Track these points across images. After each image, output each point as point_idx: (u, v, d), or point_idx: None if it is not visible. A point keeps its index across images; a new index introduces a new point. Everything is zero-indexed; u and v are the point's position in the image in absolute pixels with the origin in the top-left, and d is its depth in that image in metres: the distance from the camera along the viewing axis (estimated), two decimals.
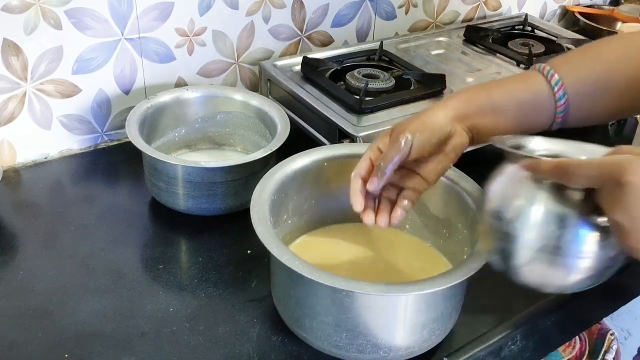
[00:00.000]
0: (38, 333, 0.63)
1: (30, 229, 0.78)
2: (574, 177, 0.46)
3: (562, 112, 0.62)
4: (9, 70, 0.83)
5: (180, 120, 0.88)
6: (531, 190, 0.50)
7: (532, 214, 0.49)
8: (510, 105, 0.62)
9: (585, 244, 0.48)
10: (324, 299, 0.58)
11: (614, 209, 0.44)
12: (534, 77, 0.63)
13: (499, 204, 0.52)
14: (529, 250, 0.50)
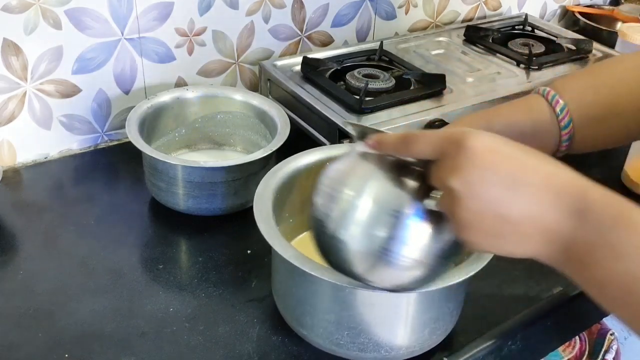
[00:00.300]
0: (38, 333, 0.63)
1: (30, 229, 0.78)
2: (417, 146, 0.43)
3: (567, 141, 0.59)
4: (9, 70, 0.83)
5: (180, 120, 0.88)
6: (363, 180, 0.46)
7: (359, 212, 0.45)
8: (510, 135, 0.55)
9: (416, 240, 0.45)
10: (326, 296, 0.58)
11: (451, 175, 0.41)
12: (537, 104, 0.59)
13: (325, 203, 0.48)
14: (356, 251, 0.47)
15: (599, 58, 1.10)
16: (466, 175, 0.40)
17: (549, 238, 0.41)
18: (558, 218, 0.40)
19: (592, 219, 0.40)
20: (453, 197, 0.41)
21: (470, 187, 0.40)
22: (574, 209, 0.40)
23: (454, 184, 0.41)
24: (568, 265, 0.41)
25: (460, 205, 0.41)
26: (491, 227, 0.41)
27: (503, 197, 0.40)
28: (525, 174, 0.41)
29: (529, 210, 0.40)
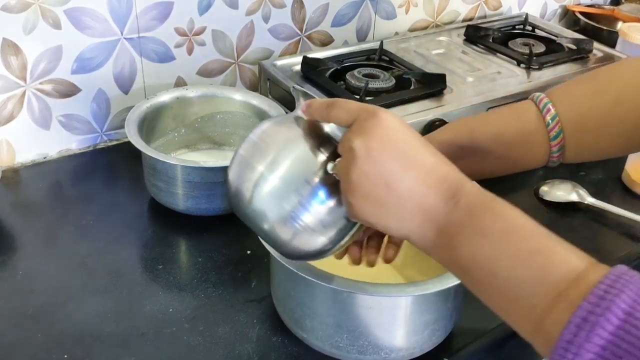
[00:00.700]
0: (37, 334, 0.63)
1: (29, 229, 0.78)
2: (336, 111, 0.46)
3: (558, 152, 0.56)
4: (8, 70, 0.83)
5: (179, 120, 0.88)
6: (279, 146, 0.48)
7: (270, 179, 0.47)
8: (495, 146, 0.56)
9: (319, 207, 0.46)
10: (326, 299, 0.58)
11: (355, 136, 0.44)
12: (527, 112, 0.56)
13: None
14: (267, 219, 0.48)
15: (599, 58, 1.10)
16: (369, 139, 0.43)
17: (426, 217, 0.43)
18: (437, 200, 0.43)
19: (464, 204, 0.42)
20: (351, 157, 0.44)
21: (369, 151, 0.43)
22: (450, 194, 0.43)
23: (355, 144, 0.43)
24: (438, 247, 0.44)
25: (356, 165, 0.43)
26: (377, 195, 0.43)
27: (395, 170, 0.43)
28: (417, 156, 0.44)
29: (414, 188, 0.43)
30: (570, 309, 0.36)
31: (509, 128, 0.56)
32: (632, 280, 0.36)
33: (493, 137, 0.56)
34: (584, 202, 0.86)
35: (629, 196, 0.90)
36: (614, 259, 0.78)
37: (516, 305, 0.40)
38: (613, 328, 0.35)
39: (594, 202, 0.86)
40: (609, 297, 0.35)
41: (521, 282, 0.39)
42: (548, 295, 0.38)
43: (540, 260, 0.39)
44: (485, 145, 0.56)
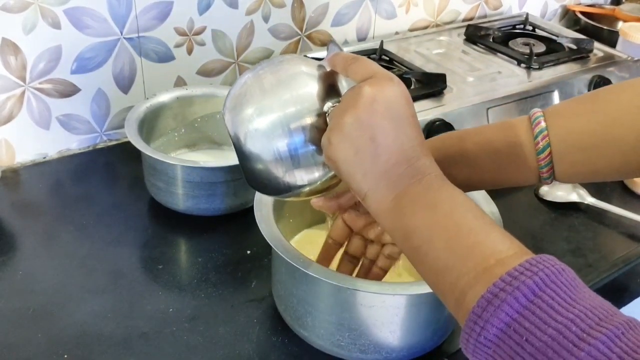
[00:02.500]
0: (37, 334, 0.63)
1: (29, 229, 0.78)
2: (360, 65, 0.48)
3: (545, 167, 0.54)
4: (8, 70, 0.83)
5: (179, 119, 0.88)
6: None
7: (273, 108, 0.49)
8: (483, 155, 0.55)
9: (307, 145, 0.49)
10: (328, 297, 0.58)
11: (370, 85, 0.45)
12: (518, 125, 0.55)
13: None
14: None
15: (600, 58, 1.10)
16: (379, 93, 0.45)
17: (389, 184, 0.45)
18: (405, 173, 0.45)
19: (426, 182, 0.45)
20: (355, 100, 0.45)
21: (373, 102, 0.45)
22: (419, 172, 0.45)
23: (365, 90, 0.45)
24: (388, 212, 0.45)
25: (356, 108, 0.45)
26: (358, 144, 0.45)
27: (385, 130, 0.45)
28: (410, 129, 0.46)
29: (392, 153, 0.45)
30: (488, 285, 0.38)
31: (498, 138, 0.56)
32: (550, 267, 0.37)
33: (482, 146, 0.56)
34: (584, 202, 0.86)
35: (629, 196, 0.90)
36: (614, 259, 0.77)
37: (445, 276, 0.41)
38: (519, 307, 0.36)
39: (594, 202, 0.86)
40: (522, 278, 0.37)
41: (452, 253, 0.41)
42: (475, 270, 0.39)
43: (475, 238, 0.41)
44: (474, 154, 0.56)
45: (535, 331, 0.35)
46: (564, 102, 0.58)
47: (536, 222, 0.84)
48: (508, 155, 0.55)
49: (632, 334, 0.34)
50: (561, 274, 0.37)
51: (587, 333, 0.34)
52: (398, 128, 0.45)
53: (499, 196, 0.68)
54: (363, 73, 0.47)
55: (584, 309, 0.35)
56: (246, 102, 0.51)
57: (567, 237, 0.81)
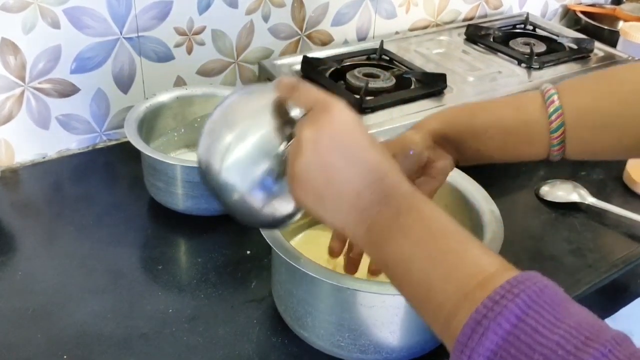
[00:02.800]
0: (37, 334, 0.63)
1: (28, 229, 0.77)
2: (299, 95, 0.47)
3: (558, 145, 0.55)
4: (7, 70, 0.83)
5: (179, 119, 0.88)
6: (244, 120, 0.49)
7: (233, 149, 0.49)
8: (494, 131, 0.56)
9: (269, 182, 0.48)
10: (328, 297, 0.58)
11: (307, 126, 0.45)
12: (531, 102, 0.56)
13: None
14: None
15: (600, 57, 1.09)
16: (318, 133, 0.44)
17: (359, 216, 0.44)
18: (370, 200, 0.44)
19: (394, 205, 0.43)
20: (299, 146, 0.45)
21: (315, 144, 0.44)
22: (384, 194, 0.43)
23: (304, 134, 0.44)
24: (368, 244, 0.44)
25: (302, 155, 0.44)
26: (317, 187, 0.44)
27: (337, 167, 0.44)
28: (361, 154, 0.44)
29: (352, 186, 0.44)
30: (471, 311, 0.36)
31: (510, 115, 0.56)
32: (531, 287, 0.36)
33: (493, 123, 0.56)
34: (585, 202, 0.86)
35: (630, 196, 0.90)
36: (615, 259, 0.77)
37: (428, 304, 0.40)
38: (504, 333, 0.35)
39: (594, 202, 0.85)
40: (503, 302, 0.35)
41: (432, 280, 0.40)
42: (456, 295, 0.38)
43: (451, 260, 0.40)
44: (483, 129, 0.56)
45: (521, 357, 0.34)
46: (577, 79, 0.58)
47: (536, 222, 0.84)
48: (519, 134, 0.55)
49: (619, 351, 0.33)
50: (543, 292, 0.36)
51: (574, 355, 0.33)
52: (350, 157, 0.44)
53: (499, 196, 0.68)
54: (303, 103, 0.47)
55: (570, 328, 0.34)
56: (212, 148, 0.51)
57: (568, 238, 0.81)
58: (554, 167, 0.95)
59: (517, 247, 0.78)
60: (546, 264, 0.76)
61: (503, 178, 0.92)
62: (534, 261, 0.76)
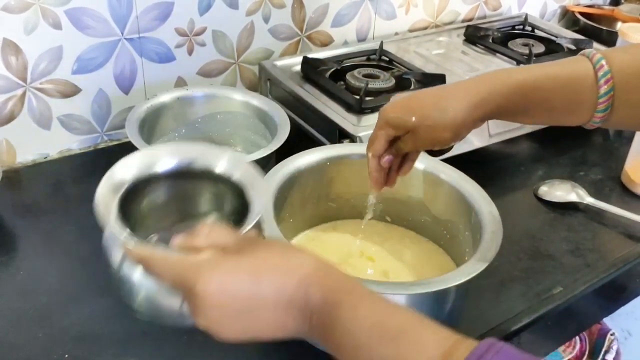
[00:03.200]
0: (38, 333, 0.63)
1: (30, 229, 0.78)
2: (159, 275, 0.45)
3: (603, 111, 0.54)
4: (9, 70, 0.83)
5: (180, 120, 0.88)
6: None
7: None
8: (543, 108, 0.57)
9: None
10: None
11: (195, 316, 0.43)
12: (580, 78, 0.55)
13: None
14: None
15: None
16: (207, 317, 0.42)
17: (294, 332, 0.44)
18: (296, 323, 0.43)
19: (316, 323, 0.42)
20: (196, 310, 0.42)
21: (214, 325, 0.43)
22: (303, 316, 0.42)
23: (202, 324, 0.43)
24: (316, 339, 0.43)
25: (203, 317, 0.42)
26: (240, 326, 0.43)
27: (246, 324, 0.43)
28: (258, 303, 0.42)
29: (270, 323, 0.43)
30: None
31: (560, 92, 0.56)
32: (501, 350, 0.36)
33: (544, 99, 0.56)
34: (583, 202, 0.86)
35: (628, 196, 0.90)
36: (613, 258, 0.78)
37: None
38: None
39: (593, 202, 0.86)
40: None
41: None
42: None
43: (406, 343, 0.39)
44: (533, 109, 0.57)
45: None
46: (620, 47, 0.59)
47: (535, 222, 0.84)
48: (568, 106, 0.56)
49: None
50: (511, 354, 0.36)
51: None
52: (248, 316, 0.42)
53: (498, 196, 0.68)
54: (172, 282, 0.44)
55: None
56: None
57: (566, 237, 0.81)
58: (552, 167, 0.96)
59: (516, 247, 0.78)
60: (545, 264, 0.76)
61: (502, 178, 0.92)
62: (533, 261, 0.76)
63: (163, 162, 0.53)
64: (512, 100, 0.57)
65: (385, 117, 0.61)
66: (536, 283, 0.73)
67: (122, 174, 0.53)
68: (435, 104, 0.59)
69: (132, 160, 0.52)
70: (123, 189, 0.51)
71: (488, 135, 0.92)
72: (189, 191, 0.54)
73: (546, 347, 0.76)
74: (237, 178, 0.52)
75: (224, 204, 0.54)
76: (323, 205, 0.74)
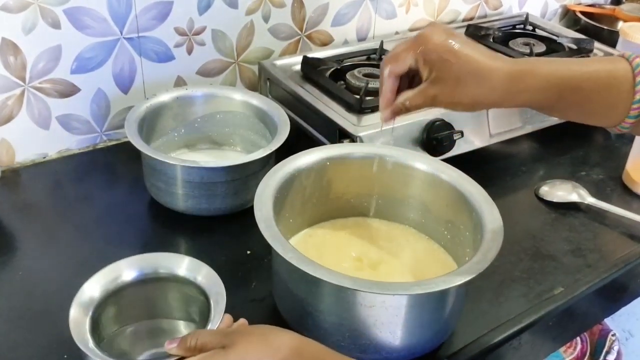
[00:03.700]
0: (38, 333, 0.63)
1: (29, 229, 0.78)
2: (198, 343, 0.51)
3: (635, 117, 0.54)
4: (8, 70, 0.83)
5: (179, 120, 0.88)
6: None
7: None
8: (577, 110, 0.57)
9: None
10: (328, 297, 0.58)
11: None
12: (618, 64, 0.55)
13: None
14: None
15: None
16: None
17: None
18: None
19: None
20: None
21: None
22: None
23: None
24: None
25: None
26: None
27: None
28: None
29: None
30: None
31: (596, 99, 0.56)
32: None
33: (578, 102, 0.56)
34: (585, 202, 0.86)
35: (630, 196, 0.90)
36: (614, 259, 0.78)
37: None
38: None
39: (594, 202, 0.86)
40: None
41: None
42: None
43: None
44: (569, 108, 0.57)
45: None
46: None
47: (536, 222, 0.84)
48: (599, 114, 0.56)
49: None
50: None
51: None
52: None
53: (499, 196, 0.68)
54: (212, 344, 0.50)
55: None
56: None
57: (567, 237, 0.81)
58: (553, 167, 0.95)
59: (517, 247, 0.78)
60: (546, 264, 0.76)
61: (503, 178, 0.92)
62: (534, 261, 0.76)
63: (127, 273, 0.59)
64: (548, 97, 0.57)
65: (426, 47, 0.57)
66: (537, 283, 0.73)
67: (90, 292, 0.58)
68: (481, 68, 0.57)
69: (97, 278, 0.58)
70: (92, 308, 0.56)
71: (489, 135, 0.92)
72: (156, 293, 0.61)
73: (547, 348, 0.76)
74: (199, 281, 0.58)
75: (191, 304, 0.61)
76: (323, 205, 0.74)
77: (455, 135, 0.86)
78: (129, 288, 0.59)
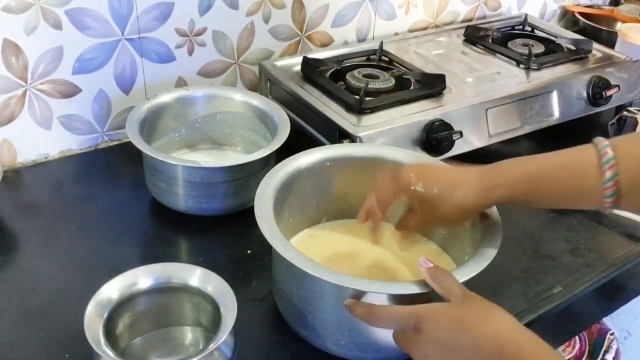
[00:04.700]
0: (39, 333, 0.64)
1: (30, 229, 0.78)
2: (380, 321, 0.54)
3: (611, 196, 0.55)
4: (9, 70, 0.83)
5: (180, 120, 0.88)
6: None
7: None
8: (550, 200, 0.61)
9: None
10: (328, 296, 0.58)
11: (411, 348, 0.52)
12: (584, 151, 0.57)
13: None
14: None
15: (598, 58, 1.10)
16: (423, 349, 0.51)
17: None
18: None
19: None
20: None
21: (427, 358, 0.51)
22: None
23: (415, 355, 0.52)
24: None
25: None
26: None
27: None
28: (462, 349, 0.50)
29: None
30: None
31: (568, 183, 0.58)
32: None
33: (552, 190, 0.59)
34: None
35: None
36: (613, 258, 0.78)
37: None
38: None
39: None
40: None
41: None
42: None
43: None
44: (542, 199, 0.61)
45: None
46: (631, 135, 0.61)
47: (535, 222, 0.84)
48: (575, 197, 0.59)
49: None
50: None
51: None
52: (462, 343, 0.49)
53: None
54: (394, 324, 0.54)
55: None
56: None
57: (566, 237, 0.81)
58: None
59: (516, 246, 0.78)
60: (544, 264, 0.76)
61: None
62: (533, 261, 0.76)
63: (143, 281, 0.59)
64: (519, 189, 0.59)
65: (402, 182, 0.63)
66: (536, 283, 0.73)
67: (107, 293, 0.58)
68: (451, 181, 0.61)
69: (115, 282, 0.58)
70: (107, 312, 0.56)
71: (488, 135, 0.92)
72: (169, 302, 0.61)
73: None
74: (210, 291, 0.59)
75: (201, 312, 0.61)
76: (323, 205, 0.74)
77: (454, 136, 0.86)
78: (143, 296, 0.59)
